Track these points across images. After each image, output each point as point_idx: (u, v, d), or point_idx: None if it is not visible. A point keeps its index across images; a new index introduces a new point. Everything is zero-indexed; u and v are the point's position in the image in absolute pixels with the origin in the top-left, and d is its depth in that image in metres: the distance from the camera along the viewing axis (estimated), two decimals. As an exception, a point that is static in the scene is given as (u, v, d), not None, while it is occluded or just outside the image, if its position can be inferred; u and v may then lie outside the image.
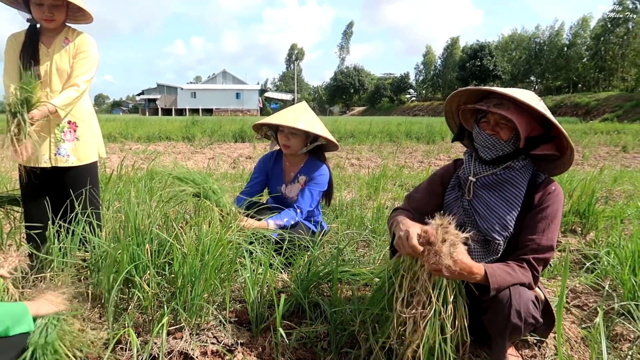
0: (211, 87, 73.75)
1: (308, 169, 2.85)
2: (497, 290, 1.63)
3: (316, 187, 2.80)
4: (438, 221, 1.57)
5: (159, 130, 15.75)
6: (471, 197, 1.89)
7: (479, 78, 62.60)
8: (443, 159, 10.11)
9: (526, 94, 1.79)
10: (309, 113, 2.83)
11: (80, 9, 2.55)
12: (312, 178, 2.83)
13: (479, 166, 1.88)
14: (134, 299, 2.07)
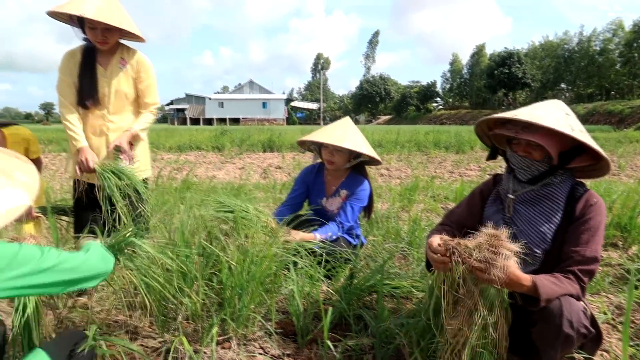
0: (238, 96, 74.78)
1: (350, 184, 2.88)
2: (547, 301, 1.64)
3: (357, 203, 2.84)
4: (491, 231, 1.59)
5: (189, 140, 16.05)
6: (511, 214, 1.92)
7: (507, 86, 61.67)
8: (474, 169, 10.00)
9: (551, 112, 1.80)
10: (354, 130, 2.86)
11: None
12: (353, 193, 2.86)
13: (517, 184, 1.92)
14: (182, 308, 2.13)
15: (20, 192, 1.27)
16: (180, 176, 8.16)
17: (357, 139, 2.81)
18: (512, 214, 1.93)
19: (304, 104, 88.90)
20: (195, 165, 10.73)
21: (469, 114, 64.23)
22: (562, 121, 1.76)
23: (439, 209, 5.00)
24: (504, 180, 1.99)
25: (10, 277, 1.20)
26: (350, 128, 2.87)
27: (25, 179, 1.33)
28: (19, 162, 1.40)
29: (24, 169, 1.38)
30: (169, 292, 2.08)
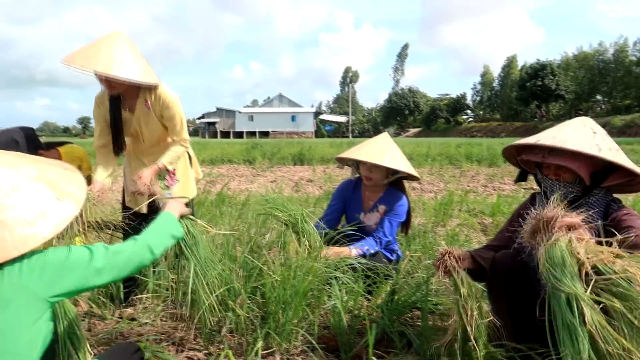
0: (268, 110, 75.72)
1: (388, 199, 2.89)
2: None
3: (396, 218, 2.84)
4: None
5: (221, 153, 16.34)
6: None
7: (540, 98, 60.51)
8: (508, 182, 9.83)
9: (577, 132, 1.77)
10: (392, 147, 2.87)
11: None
12: (392, 208, 2.86)
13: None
14: (226, 321, 2.16)
15: (67, 203, 1.32)
16: (214, 189, 8.30)
17: (395, 156, 2.81)
18: None
19: (332, 117, 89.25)
20: (228, 178, 10.90)
21: (501, 126, 63.27)
22: (590, 141, 1.72)
23: (476, 224, 4.93)
24: (538, 200, 1.97)
25: (62, 287, 1.24)
26: (388, 144, 2.88)
27: (72, 189, 1.38)
28: (65, 172, 1.45)
29: (70, 180, 1.42)
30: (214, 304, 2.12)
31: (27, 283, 1.18)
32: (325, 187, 9.14)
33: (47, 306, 1.22)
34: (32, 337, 1.19)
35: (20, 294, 1.17)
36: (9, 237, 1.15)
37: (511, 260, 1.90)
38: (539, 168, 1.91)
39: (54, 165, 1.41)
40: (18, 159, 1.29)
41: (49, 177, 1.32)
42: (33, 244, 1.18)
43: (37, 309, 1.20)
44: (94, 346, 2.09)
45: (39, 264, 1.21)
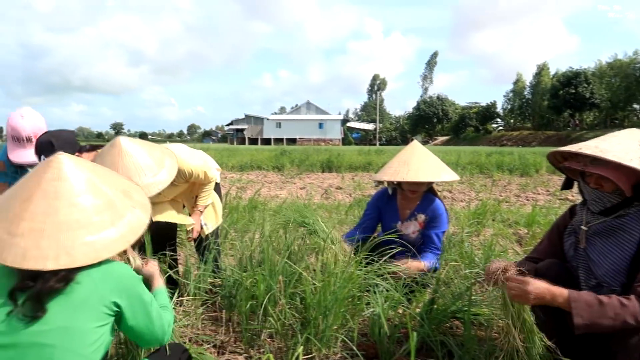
0: (295, 117, 76.21)
1: (425, 207, 2.88)
2: (584, 320, 1.57)
3: (441, 228, 2.88)
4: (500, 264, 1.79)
5: (250, 159, 16.53)
6: (585, 245, 1.87)
7: (573, 106, 59.01)
8: (542, 192, 9.63)
9: (621, 144, 1.74)
10: (433, 157, 2.88)
11: None
12: (433, 218, 2.86)
13: (590, 216, 1.89)
14: (266, 326, 2.19)
15: (139, 212, 1.38)
16: (245, 195, 8.40)
17: (441, 166, 2.84)
18: (585, 245, 1.88)
19: (359, 125, 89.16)
20: (258, 184, 11.01)
21: (532, 135, 61.99)
22: (633, 153, 1.70)
23: (510, 235, 4.85)
24: (578, 211, 1.96)
25: (123, 301, 1.32)
26: (428, 155, 2.88)
27: (140, 198, 1.44)
28: (130, 182, 1.52)
29: (136, 189, 1.49)
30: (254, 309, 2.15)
31: (101, 289, 1.25)
32: (355, 194, 9.14)
33: (112, 314, 1.30)
34: (98, 342, 1.25)
35: (94, 297, 1.23)
36: (96, 241, 1.24)
37: (556, 269, 1.87)
38: (581, 176, 1.89)
39: (118, 175, 1.52)
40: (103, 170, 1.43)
41: (121, 186, 1.40)
42: (116, 249, 1.27)
43: (105, 316, 1.26)
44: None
45: (108, 273, 1.28)
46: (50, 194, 1.23)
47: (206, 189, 2.88)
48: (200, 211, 2.87)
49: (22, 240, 1.18)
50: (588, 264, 1.85)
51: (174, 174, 2.34)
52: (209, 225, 3.00)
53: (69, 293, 1.21)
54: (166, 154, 2.37)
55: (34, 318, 1.16)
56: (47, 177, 1.25)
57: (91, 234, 1.23)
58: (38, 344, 1.16)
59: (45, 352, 1.16)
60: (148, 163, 2.19)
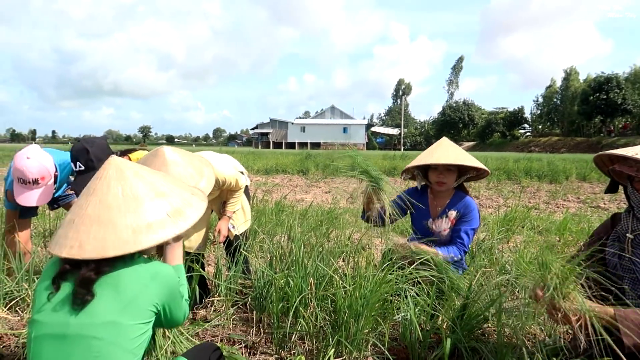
0: (320, 121, 76.43)
1: (456, 204, 2.85)
2: (629, 335, 1.52)
3: (472, 225, 2.80)
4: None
5: (275, 163, 16.64)
6: (630, 254, 1.82)
7: (604, 112, 57.50)
8: (572, 200, 9.41)
9: None
10: (459, 148, 2.87)
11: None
12: (465, 215, 2.82)
13: (637, 223, 1.82)
14: (297, 327, 2.20)
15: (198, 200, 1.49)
16: (271, 199, 8.47)
17: (465, 154, 2.82)
18: (630, 255, 1.83)
19: (384, 129, 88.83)
20: (283, 187, 11.08)
21: (561, 141, 60.67)
22: None
23: (541, 242, 4.76)
24: (623, 219, 1.90)
25: (163, 300, 1.38)
26: (454, 146, 2.87)
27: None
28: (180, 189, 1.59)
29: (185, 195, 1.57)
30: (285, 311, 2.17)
31: (150, 290, 1.30)
32: (380, 199, 9.10)
33: (156, 312, 1.35)
34: (142, 338, 1.29)
35: (143, 298, 1.28)
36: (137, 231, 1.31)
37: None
38: (630, 181, 1.84)
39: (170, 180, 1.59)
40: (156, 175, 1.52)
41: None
42: (157, 241, 1.32)
43: (151, 314, 1.31)
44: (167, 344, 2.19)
45: (157, 276, 1.34)
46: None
47: (236, 195, 2.94)
48: (229, 217, 2.92)
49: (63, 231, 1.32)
50: (635, 274, 1.81)
51: (213, 183, 2.39)
52: (237, 227, 3.04)
53: (119, 290, 1.26)
54: (204, 163, 2.42)
55: (83, 303, 1.21)
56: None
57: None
58: (87, 336, 1.20)
59: (93, 345, 1.20)
60: (190, 172, 2.24)
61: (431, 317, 2.27)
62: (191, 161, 2.31)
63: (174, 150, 2.27)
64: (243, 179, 2.94)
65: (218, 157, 3.09)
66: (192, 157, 2.37)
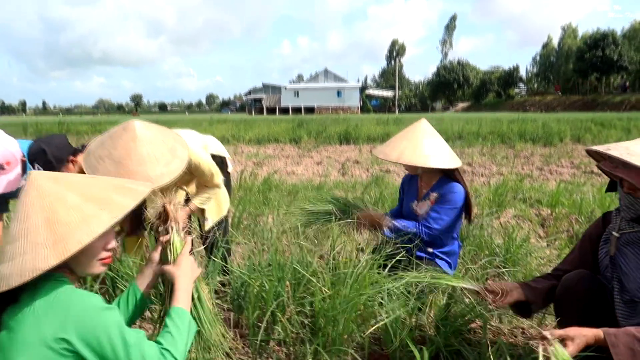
0: (313, 85, 75.38)
1: (440, 187, 2.72)
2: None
3: (445, 205, 2.63)
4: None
5: (267, 132, 16.41)
6: (614, 254, 1.72)
7: (600, 70, 56.88)
8: (566, 165, 9.32)
9: None
10: (409, 140, 2.68)
11: None
12: (442, 196, 2.68)
13: (624, 222, 1.73)
14: (275, 335, 2.11)
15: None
16: (261, 172, 8.34)
17: (412, 148, 2.63)
18: (615, 253, 1.73)
19: (378, 92, 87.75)
20: (275, 159, 10.92)
21: (556, 100, 60.24)
22: None
23: (533, 216, 4.68)
24: (613, 217, 1.79)
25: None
26: (415, 138, 2.68)
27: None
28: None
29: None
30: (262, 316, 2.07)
31: (43, 325, 1.11)
32: (372, 169, 8.99)
33: (69, 355, 1.11)
34: None
35: (34, 337, 1.11)
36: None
37: (587, 282, 1.73)
38: (620, 180, 1.72)
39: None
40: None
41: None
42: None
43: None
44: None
45: (56, 303, 1.15)
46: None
47: (209, 192, 2.69)
48: (192, 209, 2.67)
49: None
50: (621, 274, 1.71)
51: (184, 165, 2.25)
52: (210, 220, 2.89)
53: (11, 334, 1.08)
54: (179, 142, 2.26)
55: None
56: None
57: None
58: None
59: None
60: (162, 151, 2.09)
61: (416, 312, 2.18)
62: (165, 139, 2.15)
63: (146, 125, 2.10)
64: (221, 178, 2.71)
65: (196, 138, 2.89)
66: (167, 134, 2.21)
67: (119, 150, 1.94)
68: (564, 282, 1.77)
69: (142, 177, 1.94)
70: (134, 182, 1.39)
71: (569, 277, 1.78)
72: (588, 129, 15.96)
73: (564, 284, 1.76)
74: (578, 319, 1.64)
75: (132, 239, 2.80)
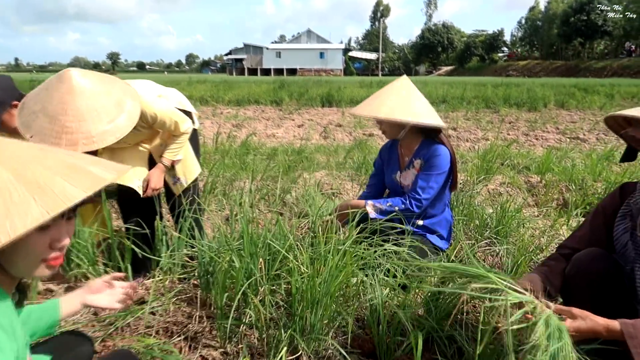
0: (296, 46, 73.66)
1: (423, 152, 2.47)
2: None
3: (431, 172, 2.39)
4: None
5: (247, 93, 15.87)
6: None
7: (584, 34, 56.67)
8: (551, 131, 9.16)
9: None
10: (396, 96, 2.40)
11: None
12: (427, 161, 2.43)
13: None
14: (245, 318, 1.88)
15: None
16: (239, 134, 7.99)
17: (397, 104, 2.36)
18: None
19: (362, 54, 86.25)
20: (254, 121, 10.53)
21: (539, 65, 60.09)
22: None
23: (522, 183, 4.49)
24: (638, 191, 1.55)
25: None
26: (396, 93, 2.41)
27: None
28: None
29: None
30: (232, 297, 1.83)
31: None
32: (355, 133, 8.71)
33: None
34: None
35: None
36: None
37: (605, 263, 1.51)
38: None
39: None
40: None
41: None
42: None
43: None
44: (98, 339, 1.85)
45: None
46: None
47: (178, 141, 2.43)
48: (165, 165, 2.44)
49: None
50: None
51: (136, 119, 1.95)
52: (182, 179, 2.61)
53: None
54: (128, 93, 1.95)
55: None
56: None
57: None
58: None
59: None
60: (106, 105, 1.79)
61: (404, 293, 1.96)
62: (109, 90, 1.84)
63: (85, 74, 1.79)
64: (187, 123, 2.43)
65: (156, 89, 2.56)
66: (112, 85, 1.90)
67: (54, 104, 1.63)
68: (575, 262, 1.55)
69: (82, 136, 1.64)
70: (99, 163, 0.99)
71: (580, 256, 1.57)
72: (572, 94, 15.84)
73: (575, 263, 1.55)
74: (591, 305, 1.44)
75: (87, 208, 2.50)
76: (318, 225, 2.26)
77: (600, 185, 4.24)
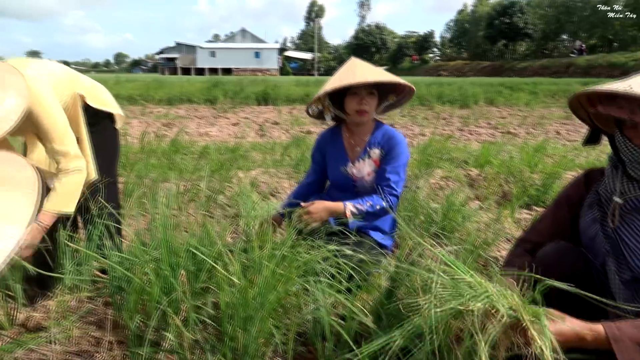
0: (230, 46, 72.28)
1: (379, 138, 2.25)
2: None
3: (399, 162, 2.20)
4: None
5: (180, 92, 15.18)
6: (616, 224, 1.35)
7: (507, 36, 59.82)
8: (484, 126, 9.38)
9: None
10: (372, 66, 2.21)
11: None
12: (389, 151, 2.21)
13: (628, 184, 1.34)
14: (165, 344, 1.57)
15: None
16: (170, 133, 7.50)
17: (387, 73, 2.22)
18: (617, 224, 1.36)
19: (297, 54, 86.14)
20: (187, 120, 10.02)
21: (467, 65, 62.66)
22: None
23: (461, 177, 4.43)
24: (608, 177, 1.41)
25: None
26: (370, 65, 2.22)
27: None
28: None
29: None
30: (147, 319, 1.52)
31: None
32: (292, 130, 8.46)
33: None
34: None
35: None
36: None
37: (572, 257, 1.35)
38: (619, 127, 1.33)
39: None
40: None
41: None
42: None
43: None
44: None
45: None
46: None
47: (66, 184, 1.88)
48: (44, 225, 1.81)
49: None
50: (620, 248, 1.34)
51: (26, 102, 1.60)
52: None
53: None
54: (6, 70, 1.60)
55: None
56: None
57: None
58: None
59: None
60: None
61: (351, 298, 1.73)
62: None
63: None
64: (80, 162, 1.93)
65: (46, 68, 2.05)
66: None
67: None
68: (541, 260, 1.39)
69: None
70: None
71: (547, 252, 1.40)
72: (499, 92, 16.49)
73: (542, 261, 1.38)
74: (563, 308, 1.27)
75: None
76: (251, 228, 1.99)
77: (536, 176, 4.25)
